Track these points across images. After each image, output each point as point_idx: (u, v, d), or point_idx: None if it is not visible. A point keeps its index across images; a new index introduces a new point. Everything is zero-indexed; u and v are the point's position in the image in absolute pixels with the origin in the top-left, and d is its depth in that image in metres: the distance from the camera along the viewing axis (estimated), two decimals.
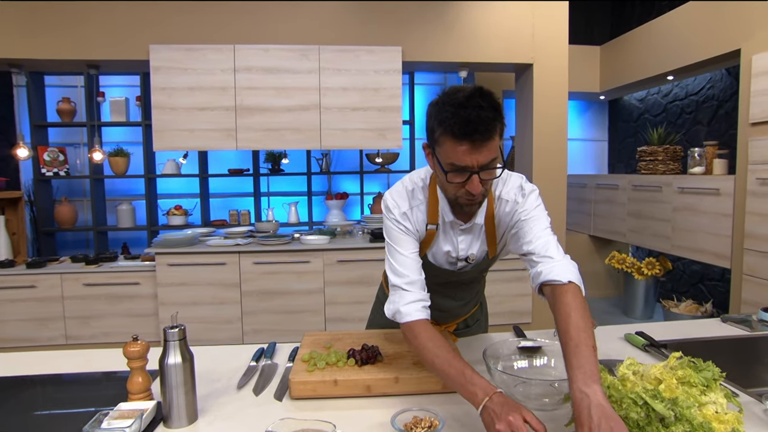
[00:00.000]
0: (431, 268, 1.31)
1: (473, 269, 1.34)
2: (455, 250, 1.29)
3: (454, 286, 1.43)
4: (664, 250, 3.60)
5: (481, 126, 0.99)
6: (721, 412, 0.85)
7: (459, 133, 1.00)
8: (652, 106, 4.41)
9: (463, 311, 1.57)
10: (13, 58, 3.39)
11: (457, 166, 1.04)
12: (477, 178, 1.04)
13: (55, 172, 4.07)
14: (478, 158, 1.02)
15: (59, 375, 1.35)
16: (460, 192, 1.09)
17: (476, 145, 1.00)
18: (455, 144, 1.01)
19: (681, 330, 1.70)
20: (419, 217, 1.24)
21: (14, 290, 3.32)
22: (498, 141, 1.04)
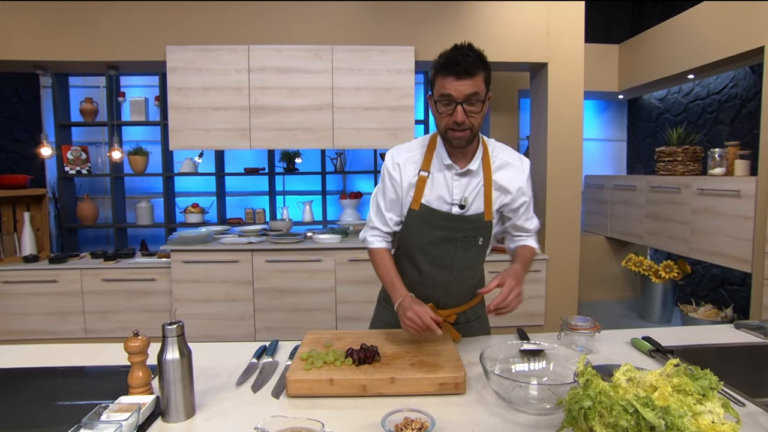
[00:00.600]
0: (427, 212, 1.43)
1: (466, 224, 1.44)
2: (450, 194, 1.43)
3: (450, 247, 1.46)
4: (682, 253, 3.51)
5: (463, 62, 1.23)
6: (718, 422, 0.82)
7: (445, 67, 1.26)
8: (673, 105, 4.31)
9: (462, 294, 1.56)
10: (39, 60, 3.50)
11: (444, 95, 1.28)
12: (461, 108, 1.27)
13: (77, 170, 4.18)
14: (460, 89, 1.25)
15: (67, 368, 1.39)
16: (449, 122, 1.31)
17: (459, 78, 1.24)
18: (443, 78, 1.27)
19: (692, 336, 1.66)
20: (411, 166, 1.45)
21: (37, 284, 3.44)
22: (480, 82, 1.27)
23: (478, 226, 1.44)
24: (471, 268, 1.53)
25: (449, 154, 1.41)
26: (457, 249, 1.46)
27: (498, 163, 1.45)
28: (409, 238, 1.48)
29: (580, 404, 0.84)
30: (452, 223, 1.43)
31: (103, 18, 3.40)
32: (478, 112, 1.30)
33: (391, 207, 1.48)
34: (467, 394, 1.20)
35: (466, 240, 1.45)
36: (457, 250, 1.47)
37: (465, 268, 1.51)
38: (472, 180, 1.42)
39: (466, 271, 1.52)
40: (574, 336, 1.50)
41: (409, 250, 1.50)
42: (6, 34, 3.38)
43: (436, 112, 1.33)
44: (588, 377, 0.89)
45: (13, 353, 1.49)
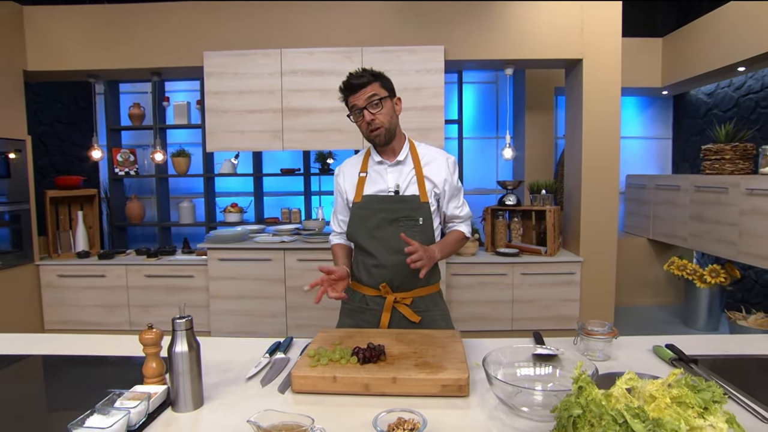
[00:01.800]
0: (369, 200, 1.67)
1: (404, 204, 1.65)
2: (385, 183, 1.68)
3: (393, 227, 1.65)
4: (729, 256, 3.30)
5: (355, 80, 1.56)
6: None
7: (345, 89, 1.60)
8: (722, 100, 4.06)
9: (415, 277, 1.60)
10: (90, 69, 3.74)
11: (352, 107, 1.60)
12: (367, 112, 1.57)
13: (126, 172, 4.44)
14: (360, 98, 1.56)
15: (96, 357, 1.48)
16: (364, 125, 1.59)
17: (355, 92, 1.57)
18: (347, 97, 1.60)
19: (726, 345, 1.56)
20: (353, 171, 1.73)
21: (88, 278, 3.67)
22: (375, 87, 1.56)
23: (416, 206, 1.65)
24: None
25: (379, 153, 1.69)
26: (399, 229, 1.63)
27: (426, 159, 1.70)
28: (357, 227, 1.69)
29: (569, 412, 0.82)
30: (390, 204, 1.65)
31: (147, 28, 3.59)
32: (381, 111, 1.57)
33: (339, 210, 1.80)
34: (471, 397, 1.19)
35: (406, 219, 1.65)
36: (399, 230, 1.63)
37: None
38: (404, 169, 1.67)
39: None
40: (591, 341, 1.45)
41: (359, 238, 1.69)
42: (63, 47, 3.64)
43: (355, 123, 1.63)
44: (582, 384, 0.87)
45: (60, 341, 1.62)
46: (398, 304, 1.68)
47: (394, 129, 1.64)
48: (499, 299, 3.53)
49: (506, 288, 3.53)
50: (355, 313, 1.78)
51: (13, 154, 3.50)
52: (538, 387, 1.22)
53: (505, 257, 3.54)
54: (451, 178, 1.70)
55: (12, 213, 3.51)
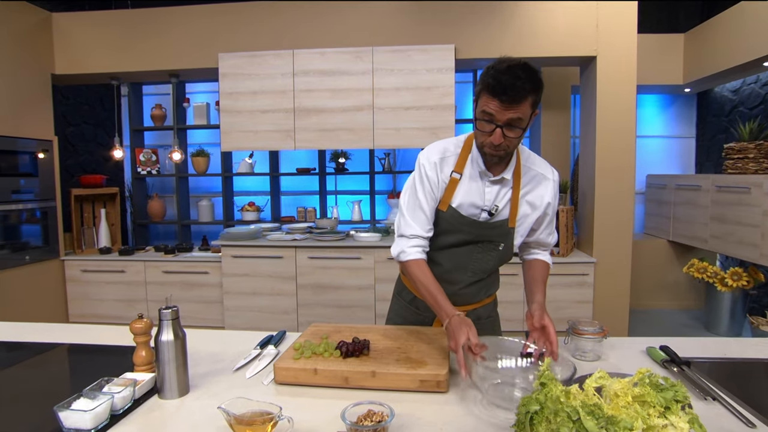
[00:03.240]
0: (454, 216, 1.43)
1: (490, 230, 1.44)
2: (482, 199, 1.42)
3: (469, 248, 1.47)
4: (751, 259, 3.18)
5: (511, 91, 1.20)
6: None
7: (492, 92, 1.23)
8: (748, 97, 3.91)
9: (475, 294, 1.55)
10: (113, 72, 3.88)
11: (487, 114, 1.26)
12: (499, 131, 1.25)
13: (148, 171, 4.58)
14: (504, 114, 1.23)
15: (98, 346, 1.55)
16: (487, 141, 1.29)
17: (504, 104, 1.22)
18: (488, 99, 1.25)
19: (729, 349, 1.50)
20: (447, 167, 1.43)
21: (109, 274, 3.81)
22: (526, 107, 1.24)
23: (502, 232, 1.45)
24: (487, 271, 1.53)
25: (484, 161, 1.38)
26: (476, 250, 1.47)
27: (531, 174, 1.44)
28: (433, 237, 1.47)
29: (527, 408, 0.83)
30: (477, 229, 1.44)
31: (166, 30, 3.71)
32: (517, 137, 1.28)
33: (428, 205, 1.43)
34: (449, 393, 1.19)
35: (487, 243, 1.46)
36: (476, 251, 1.48)
37: (480, 270, 1.52)
38: (503, 188, 1.42)
39: (480, 273, 1.52)
40: (581, 341, 1.43)
41: (431, 246, 1.49)
42: (87, 50, 3.79)
43: (476, 124, 1.32)
44: (544, 380, 0.86)
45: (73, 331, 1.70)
46: None
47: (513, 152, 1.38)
48: (509, 300, 3.49)
49: (517, 288, 3.48)
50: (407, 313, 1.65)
51: (41, 154, 3.67)
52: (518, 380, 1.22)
53: (517, 257, 3.49)
54: (553, 202, 1.47)
55: (40, 210, 3.68)
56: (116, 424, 1.04)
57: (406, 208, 1.46)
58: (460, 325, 1.21)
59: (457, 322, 1.23)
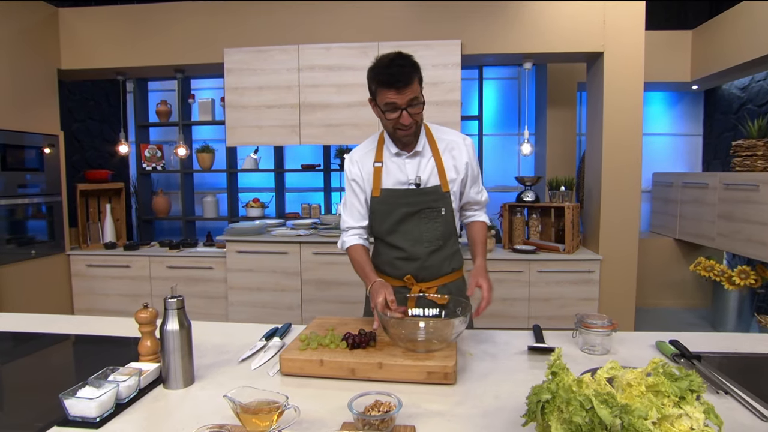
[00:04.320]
0: (389, 195, 1.59)
1: (426, 196, 1.58)
2: (404, 175, 1.59)
3: (414, 220, 1.60)
4: (759, 257, 3.15)
5: (400, 75, 1.41)
6: (697, 428, 0.75)
7: (386, 85, 1.42)
8: (757, 94, 3.87)
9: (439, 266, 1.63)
10: (118, 67, 3.88)
11: (389, 104, 1.43)
12: (405, 113, 1.44)
13: (153, 167, 4.58)
14: (402, 98, 1.42)
15: (100, 336, 1.54)
16: (397, 125, 1.47)
17: (400, 90, 1.41)
18: (385, 92, 1.43)
19: (738, 344, 1.49)
20: (368, 160, 1.62)
21: (114, 269, 3.82)
22: (416, 86, 1.44)
23: (437, 197, 1.59)
24: (440, 238, 1.62)
25: (395, 144, 1.58)
26: (422, 221, 1.60)
27: (444, 145, 1.61)
28: (379, 222, 1.62)
29: (538, 397, 0.81)
30: (412, 197, 1.58)
31: (171, 26, 3.70)
32: (419, 112, 1.47)
33: (357, 201, 1.65)
34: (457, 386, 1.19)
35: (429, 211, 1.59)
36: (422, 222, 1.60)
37: (434, 239, 1.61)
38: (422, 159, 1.58)
39: (435, 241, 1.62)
40: (589, 335, 1.42)
41: (381, 233, 1.64)
42: (93, 45, 3.79)
43: (382, 115, 1.49)
44: (555, 370, 0.85)
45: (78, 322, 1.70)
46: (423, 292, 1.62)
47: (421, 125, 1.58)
48: (515, 297, 3.48)
49: (523, 285, 3.48)
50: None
51: (47, 149, 3.68)
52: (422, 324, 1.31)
53: (522, 254, 3.48)
54: (471, 162, 1.63)
55: (46, 205, 3.69)
56: (121, 413, 1.04)
57: (342, 208, 1.71)
58: (379, 288, 1.41)
59: (377, 285, 1.45)
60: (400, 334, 1.28)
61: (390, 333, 1.29)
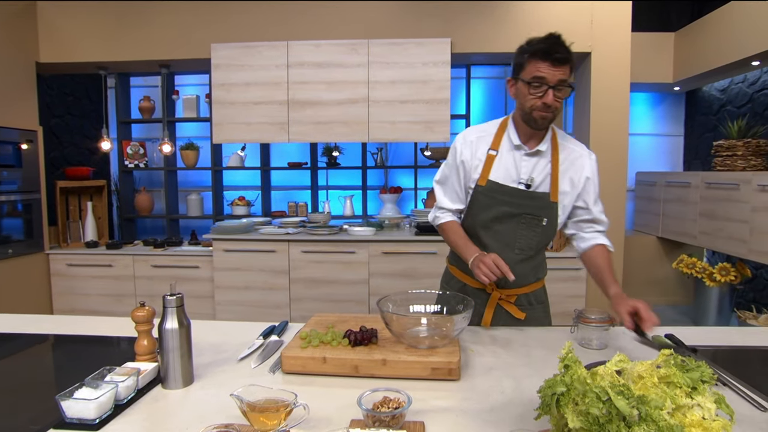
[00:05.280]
0: (494, 188, 1.51)
1: (532, 201, 1.49)
2: (517, 173, 1.50)
3: (513, 224, 1.52)
4: (739, 254, 3.24)
5: (560, 49, 1.34)
6: (708, 417, 0.76)
7: (543, 53, 1.34)
8: (736, 96, 3.98)
9: (523, 275, 1.54)
10: (100, 61, 3.79)
11: (537, 77, 1.36)
12: (552, 92, 1.36)
13: (135, 164, 4.48)
14: (555, 74, 1.35)
15: (96, 336, 1.50)
16: (536, 104, 1.38)
17: (554, 64, 1.34)
18: (539, 63, 1.35)
19: (729, 337, 1.53)
20: (483, 145, 1.53)
21: (96, 268, 3.72)
22: (569, 70, 1.37)
23: (544, 205, 1.50)
24: (533, 248, 1.55)
25: (519, 136, 1.50)
26: (520, 226, 1.51)
27: (566, 153, 1.51)
28: (475, 213, 1.55)
29: (553, 390, 0.81)
30: (518, 198, 1.49)
31: (156, 19, 3.62)
32: (563, 98, 1.40)
33: (458, 184, 1.57)
34: (461, 381, 1.18)
35: (530, 217, 1.50)
36: (520, 227, 1.51)
37: (527, 248, 1.54)
38: (540, 160, 1.48)
39: (527, 250, 1.54)
40: (588, 329, 1.43)
41: (474, 226, 1.56)
42: (74, 39, 3.69)
43: (524, 92, 1.41)
44: (568, 363, 0.85)
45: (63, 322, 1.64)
46: (502, 300, 1.57)
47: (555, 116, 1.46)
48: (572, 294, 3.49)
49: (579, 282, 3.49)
50: None
51: (25, 145, 3.56)
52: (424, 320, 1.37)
53: None
54: (594, 178, 1.52)
55: (24, 202, 3.57)
56: (120, 414, 1.01)
57: (439, 187, 1.62)
58: (483, 256, 1.39)
59: (482, 255, 1.40)
60: (402, 331, 1.27)
61: (392, 329, 1.28)
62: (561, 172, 1.49)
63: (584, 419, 0.75)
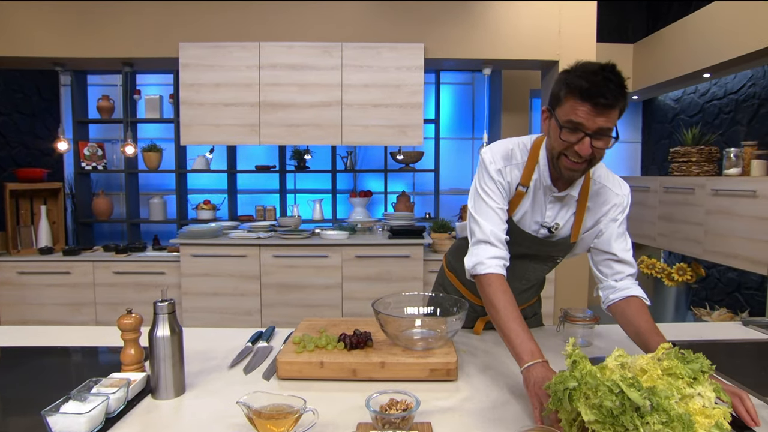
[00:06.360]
0: (514, 231, 1.32)
1: (551, 247, 1.36)
2: (542, 216, 1.31)
3: (527, 262, 1.41)
4: (695, 255, 3.43)
5: (607, 93, 1.06)
6: (709, 406, 0.81)
7: (585, 94, 1.07)
8: (689, 106, 4.22)
9: (525, 299, 1.56)
10: (57, 57, 3.59)
11: (574, 123, 1.09)
12: (588, 141, 1.10)
13: (93, 167, 4.27)
14: (595, 121, 1.08)
15: (67, 347, 1.41)
16: (569, 151, 1.13)
17: (597, 109, 1.07)
18: (578, 104, 1.08)
19: (700, 332, 1.62)
20: (513, 176, 1.29)
21: (51, 276, 3.51)
22: (616, 114, 1.10)
23: (564, 248, 1.38)
24: (541, 279, 1.55)
25: (550, 173, 1.26)
26: (534, 261, 1.43)
27: (595, 188, 1.31)
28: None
29: (564, 384, 0.83)
30: (537, 246, 1.36)
31: (119, 15, 3.47)
32: (604, 148, 1.13)
33: (504, 200, 1.29)
34: (459, 381, 1.19)
35: (546, 257, 1.41)
36: (534, 262, 1.43)
37: (535, 279, 1.51)
38: (566, 205, 1.31)
39: (534, 281, 1.53)
40: (573, 328, 1.47)
41: None
42: (26, 31, 3.48)
43: (554, 133, 1.16)
44: (575, 359, 0.88)
45: (24, 333, 1.53)
46: None
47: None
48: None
49: None
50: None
51: None
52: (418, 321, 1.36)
53: None
54: (621, 218, 1.32)
55: None
56: (111, 427, 0.95)
57: (478, 211, 1.29)
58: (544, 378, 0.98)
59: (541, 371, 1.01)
60: (398, 333, 1.26)
61: (388, 331, 1.27)
62: (587, 210, 1.31)
63: (597, 412, 0.77)
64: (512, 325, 1.11)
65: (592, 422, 0.78)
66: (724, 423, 0.78)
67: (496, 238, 1.25)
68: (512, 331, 1.10)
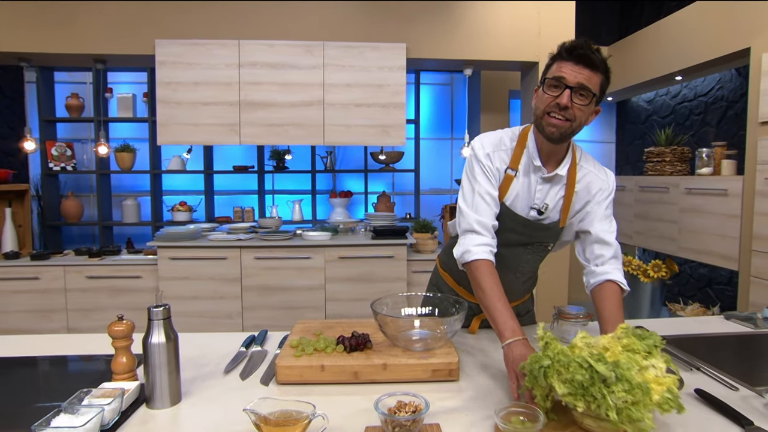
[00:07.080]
0: (507, 215, 1.36)
1: (542, 232, 1.38)
2: (531, 197, 1.35)
3: (521, 251, 1.43)
4: (670, 252, 3.54)
5: (588, 51, 1.16)
6: (661, 375, 0.90)
7: (568, 50, 1.18)
8: (660, 107, 4.36)
9: (518, 293, 1.55)
10: (23, 52, 3.43)
11: (556, 77, 1.18)
12: (568, 92, 1.17)
13: (62, 167, 4.10)
14: (576, 76, 1.16)
15: (49, 357, 1.34)
16: (550, 105, 1.20)
17: (579, 66, 1.16)
18: (562, 63, 1.19)
19: (683, 327, 1.67)
20: (501, 160, 1.34)
21: (18, 281, 3.35)
22: (596, 81, 1.18)
23: (554, 233, 1.40)
24: (534, 270, 1.55)
25: (539, 154, 1.31)
26: (527, 251, 1.43)
27: (583, 173, 1.36)
28: None
29: (539, 363, 0.92)
30: (528, 229, 1.37)
31: (91, 8, 3.34)
32: (584, 106, 1.19)
33: (493, 188, 1.32)
34: (461, 381, 1.18)
35: (538, 245, 1.42)
36: (527, 252, 1.44)
37: (528, 271, 1.51)
38: (554, 186, 1.34)
39: (528, 273, 1.52)
40: (567, 325, 1.49)
41: None
42: None
43: (540, 96, 1.24)
44: (547, 340, 0.97)
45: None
46: None
47: (574, 134, 1.27)
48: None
49: None
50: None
51: None
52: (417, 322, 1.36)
53: None
54: (606, 202, 1.36)
55: None
56: None
57: (467, 202, 1.33)
58: (522, 356, 1.05)
59: (521, 347, 1.08)
60: (397, 333, 1.25)
61: (387, 332, 1.26)
62: (576, 191, 1.35)
63: (569, 385, 0.87)
64: (498, 304, 1.19)
65: (566, 395, 0.87)
66: (673, 388, 0.87)
67: (481, 226, 1.30)
68: (497, 310, 1.18)
